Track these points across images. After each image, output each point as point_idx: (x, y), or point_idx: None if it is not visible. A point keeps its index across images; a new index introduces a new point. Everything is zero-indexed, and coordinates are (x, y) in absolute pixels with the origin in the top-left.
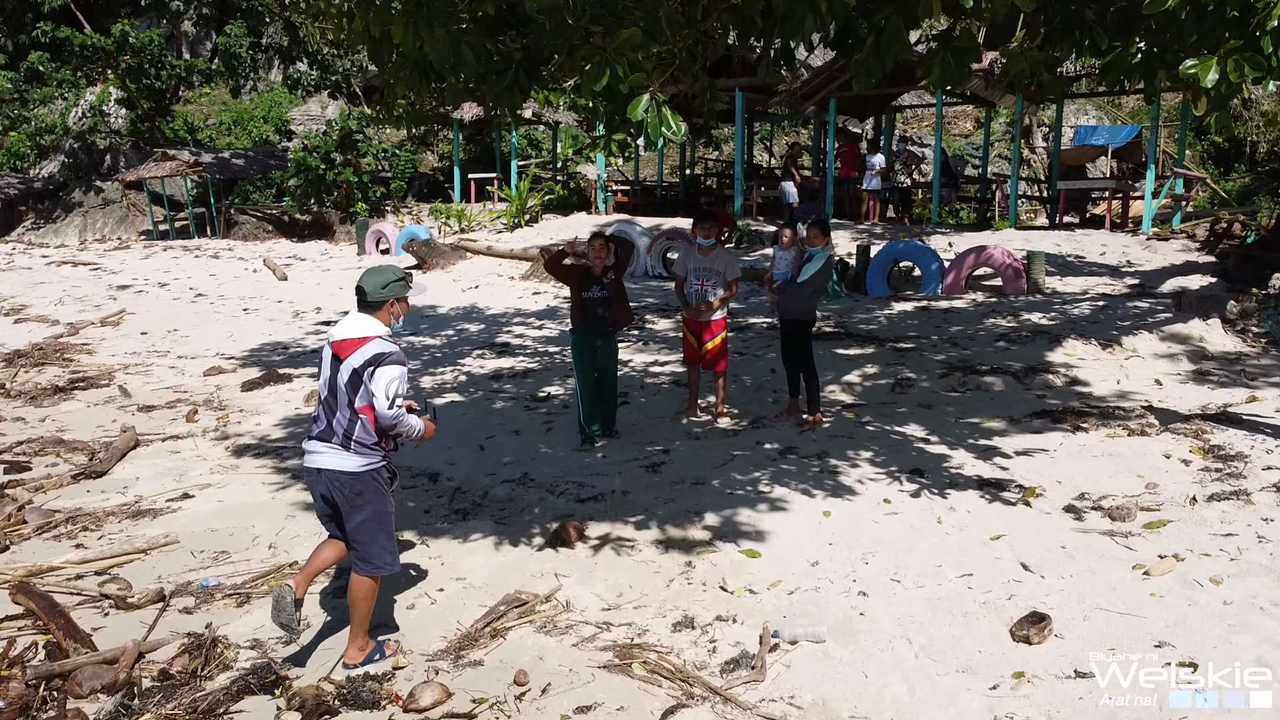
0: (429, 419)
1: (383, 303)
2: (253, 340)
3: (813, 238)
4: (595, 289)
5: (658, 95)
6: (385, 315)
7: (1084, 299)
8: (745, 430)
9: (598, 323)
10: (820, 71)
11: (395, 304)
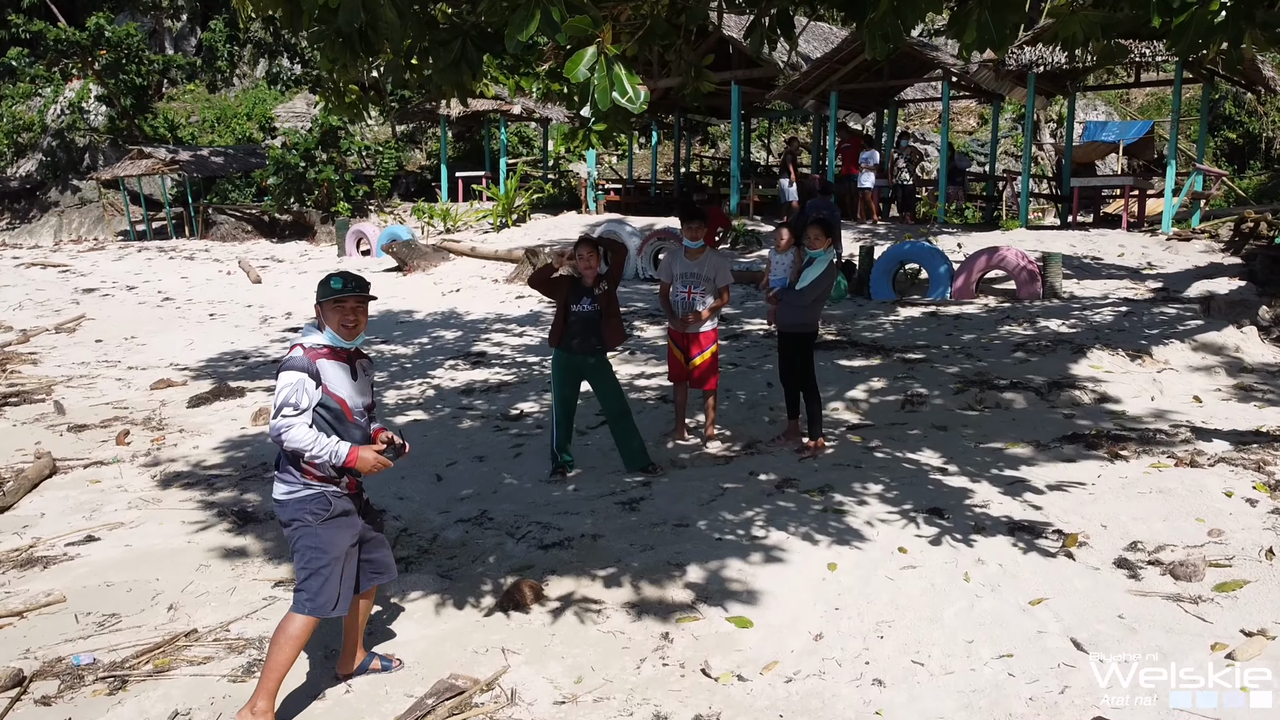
0: (379, 450)
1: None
2: (212, 349)
3: (813, 239)
4: (585, 302)
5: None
6: (320, 321)
7: (1105, 304)
8: (738, 457)
9: (586, 341)
10: (820, 63)
11: (320, 309)
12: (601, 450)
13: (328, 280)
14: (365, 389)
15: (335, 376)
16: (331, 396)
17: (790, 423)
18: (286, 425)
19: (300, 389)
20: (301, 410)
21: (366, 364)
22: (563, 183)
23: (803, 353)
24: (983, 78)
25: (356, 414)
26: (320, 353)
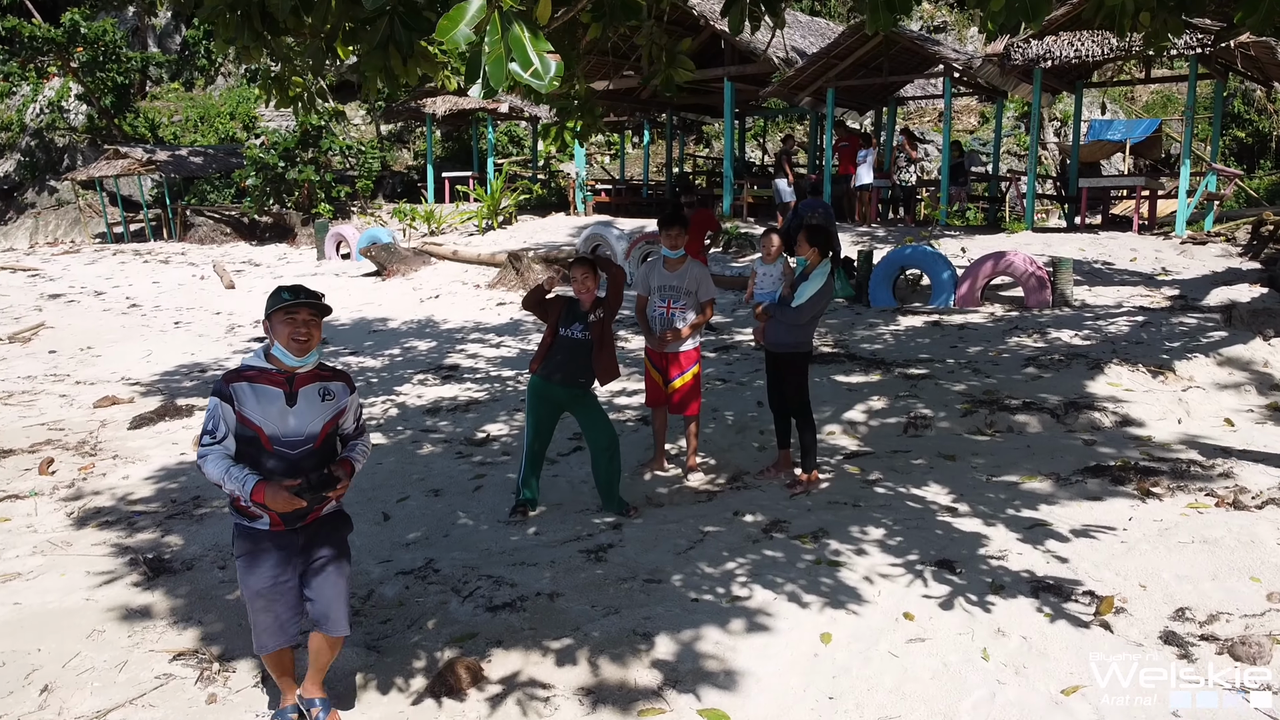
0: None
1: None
2: (170, 361)
3: (803, 247)
4: (576, 327)
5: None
6: (269, 338)
7: (1119, 313)
8: (722, 492)
9: (571, 372)
10: (817, 58)
11: (269, 324)
12: (571, 483)
13: (278, 291)
14: (308, 416)
15: (254, 401)
16: (245, 423)
17: (781, 453)
18: (201, 454)
19: (216, 415)
20: (218, 438)
21: (331, 387)
22: (552, 183)
23: (796, 375)
24: (987, 73)
25: (280, 443)
26: (245, 374)
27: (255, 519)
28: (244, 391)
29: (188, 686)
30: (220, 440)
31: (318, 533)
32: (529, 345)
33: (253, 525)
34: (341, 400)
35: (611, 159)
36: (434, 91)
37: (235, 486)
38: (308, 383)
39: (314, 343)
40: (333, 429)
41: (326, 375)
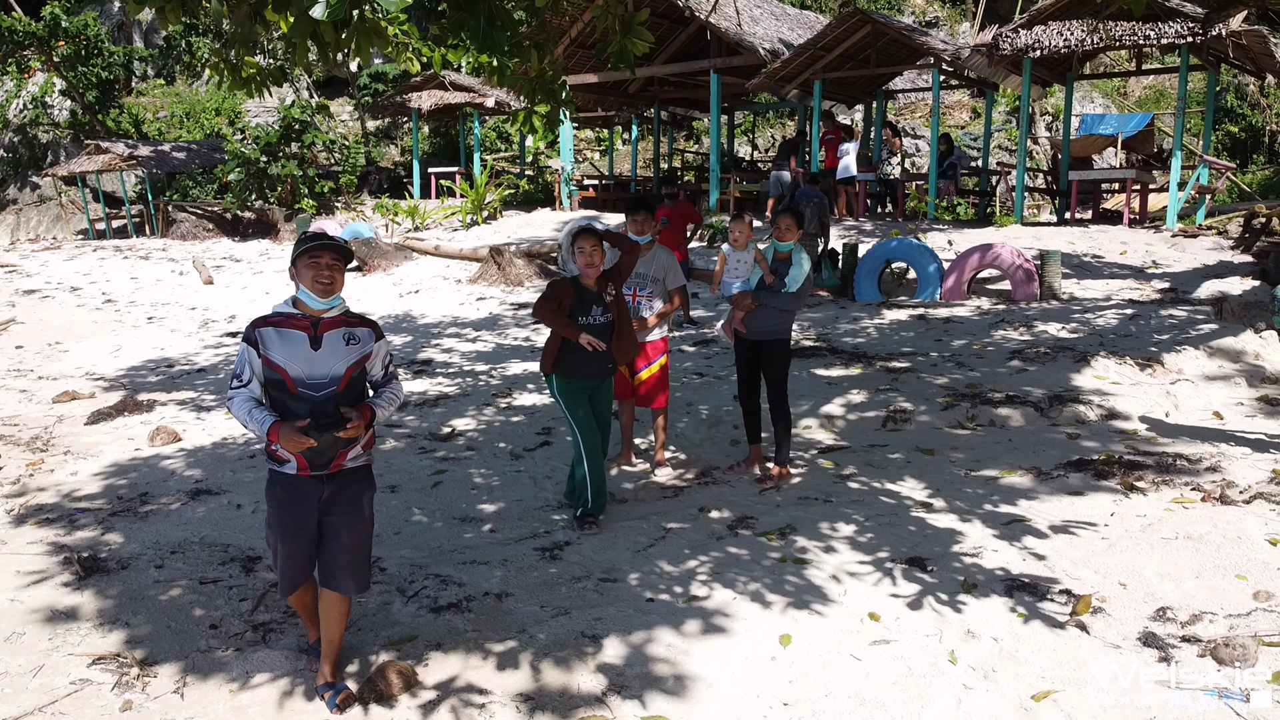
0: (300, 428)
1: None
2: (138, 355)
3: (784, 229)
4: (595, 311)
5: None
6: (296, 285)
7: (1108, 306)
8: (690, 487)
9: (601, 360)
10: (804, 49)
11: (295, 270)
12: (534, 479)
13: (302, 237)
14: (331, 360)
15: (279, 344)
16: (271, 366)
17: (752, 448)
18: (229, 396)
19: (243, 360)
20: (244, 381)
21: (357, 333)
22: (540, 179)
23: (781, 364)
24: (975, 64)
25: (304, 385)
26: (272, 320)
27: (283, 463)
28: (269, 336)
29: (104, 692)
30: (246, 384)
31: (342, 484)
32: (505, 340)
33: (281, 469)
34: (366, 345)
35: (601, 155)
36: (418, 86)
37: (255, 427)
38: (333, 328)
39: (337, 286)
40: (357, 373)
41: (353, 321)
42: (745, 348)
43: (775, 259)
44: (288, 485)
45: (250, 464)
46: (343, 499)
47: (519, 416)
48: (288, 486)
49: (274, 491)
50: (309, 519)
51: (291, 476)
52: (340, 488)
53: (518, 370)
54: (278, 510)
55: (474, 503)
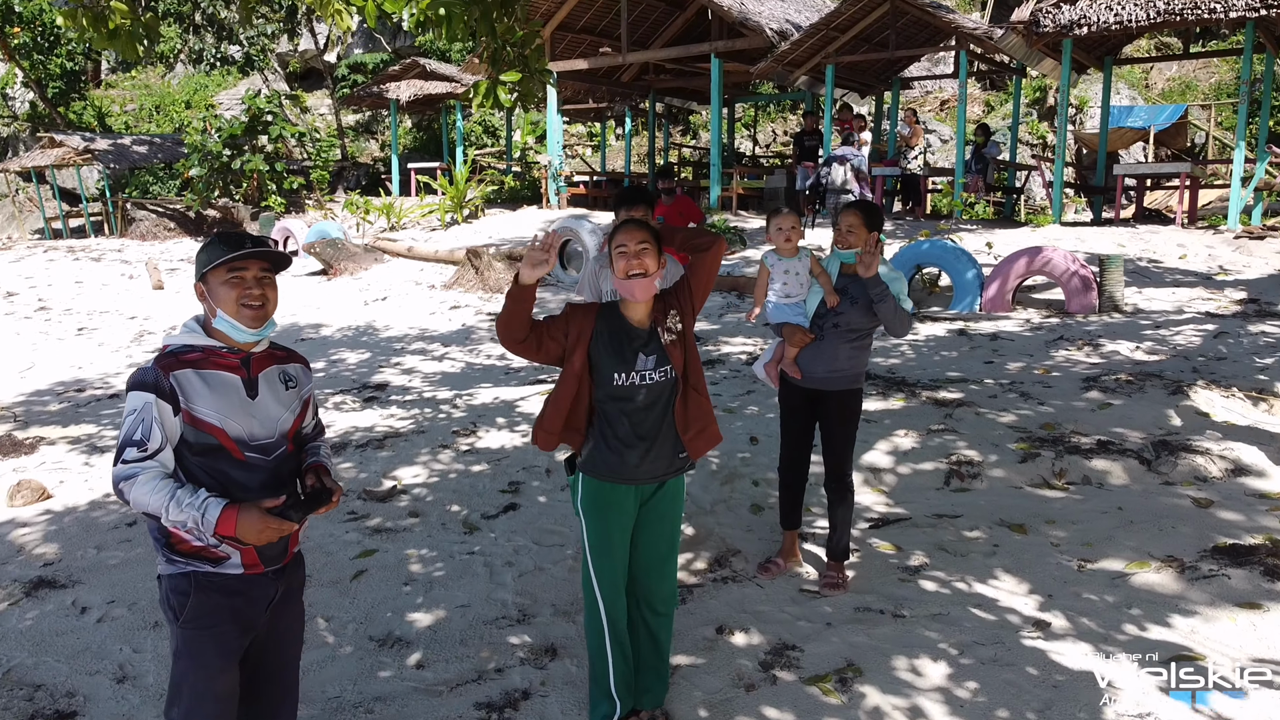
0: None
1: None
2: (49, 376)
3: (846, 232)
4: (645, 363)
5: None
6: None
7: (1183, 320)
8: (702, 586)
9: (662, 446)
10: (815, 30)
11: (205, 288)
12: (490, 566)
13: (215, 241)
14: (274, 409)
15: (207, 393)
16: (199, 425)
17: (787, 536)
18: (125, 475)
19: (146, 419)
20: (149, 451)
21: (291, 371)
22: (527, 175)
23: (847, 424)
24: (1010, 45)
25: (251, 448)
26: (188, 358)
27: (220, 561)
28: (190, 382)
29: None
30: (155, 453)
31: (291, 578)
32: (477, 358)
33: (218, 570)
34: (305, 387)
35: (593, 151)
36: (397, 75)
37: (190, 516)
38: (266, 365)
39: (271, 308)
40: (303, 425)
41: (280, 355)
42: (797, 398)
43: (841, 274)
44: (231, 594)
45: (123, 536)
46: (292, 598)
47: (481, 464)
48: (230, 593)
49: (204, 609)
50: (246, 641)
51: (237, 578)
52: (290, 584)
53: (486, 399)
54: (216, 642)
55: (404, 609)
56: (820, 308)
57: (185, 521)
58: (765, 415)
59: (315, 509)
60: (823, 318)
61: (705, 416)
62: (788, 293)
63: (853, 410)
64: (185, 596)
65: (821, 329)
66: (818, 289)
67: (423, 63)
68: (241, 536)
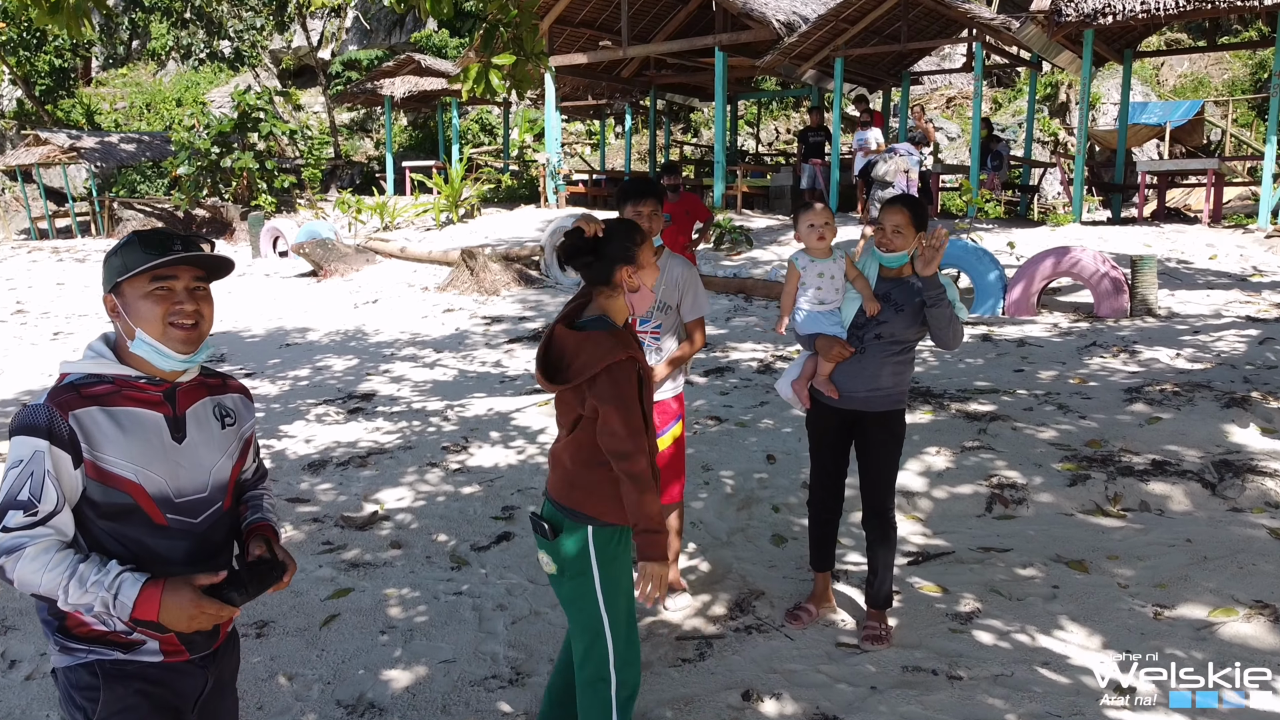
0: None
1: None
2: (15, 385)
3: (891, 233)
4: None
5: None
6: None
7: (1222, 325)
8: (722, 638)
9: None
10: (824, 21)
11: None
12: (479, 611)
13: (132, 242)
14: (207, 455)
15: (119, 438)
16: (108, 480)
17: (819, 579)
18: (7, 549)
19: (38, 471)
20: (40, 516)
21: (228, 404)
22: (524, 174)
23: (889, 450)
24: (1029, 36)
25: (175, 508)
26: (92, 392)
27: (133, 646)
28: (95, 424)
29: None
30: (47, 518)
31: (224, 664)
32: (471, 364)
33: (130, 657)
34: (245, 423)
35: (593, 150)
36: (391, 71)
37: (97, 599)
38: (196, 398)
39: (206, 327)
40: (243, 472)
41: (214, 384)
42: (831, 421)
43: (881, 278)
44: (148, 685)
45: None
46: (224, 691)
47: (472, 485)
48: (148, 687)
49: (117, 701)
50: None
51: (153, 666)
52: (223, 671)
53: (480, 410)
54: None
55: (380, 664)
56: (859, 316)
57: (91, 605)
58: (782, 430)
59: (264, 588)
60: (862, 328)
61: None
62: (821, 299)
63: (895, 434)
64: (94, 692)
65: (862, 340)
66: (854, 295)
67: (417, 58)
68: (167, 623)
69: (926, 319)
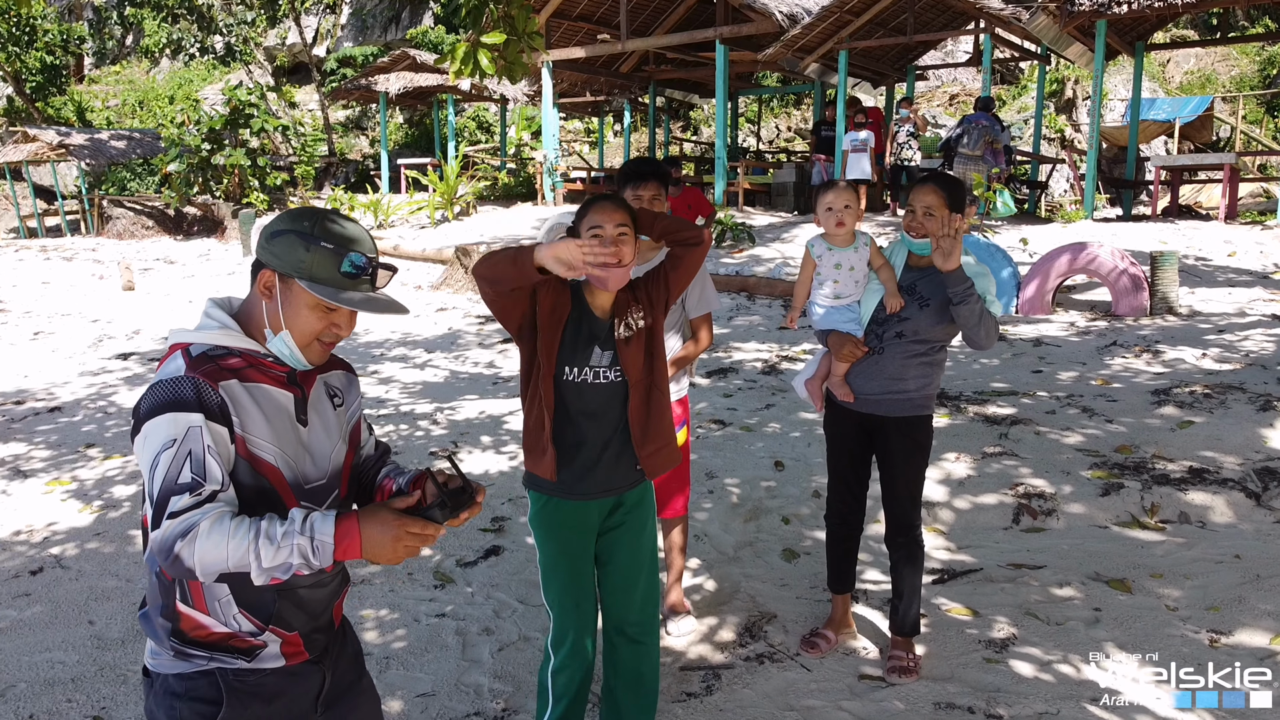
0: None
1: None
2: None
3: (921, 215)
4: (599, 357)
5: None
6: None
7: (1248, 324)
8: (731, 668)
9: (611, 462)
10: (828, 13)
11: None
12: (463, 636)
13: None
14: (325, 438)
15: (260, 419)
16: (257, 465)
17: (838, 602)
18: (181, 533)
19: (196, 451)
20: (206, 494)
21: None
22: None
23: (915, 460)
24: (1040, 27)
25: (304, 494)
26: (228, 364)
27: (255, 651)
28: (241, 400)
29: None
30: (214, 495)
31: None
32: (463, 365)
33: (252, 665)
34: (353, 403)
35: (591, 148)
36: (386, 67)
37: (293, 549)
38: (313, 378)
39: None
40: (358, 457)
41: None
42: (848, 426)
43: (909, 268)
44: (270, 696)
45: (21, 589)
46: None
47: None
48: (269, 698)
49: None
50: None
51: (274, 673)
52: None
53: (471, 413)
54: None
55: None
56: (879, 312)
57: (289, 562)
58: (790, 434)
59: (462, 508)
60: (882, 325)
61: (669, 431)
62: (839, 292)
63: (920, 444)
64: (212, 708)
65: (880, 339)
66: (875, 287)
67: (413, 54)
68: (371, 555)
69: (954, 316)
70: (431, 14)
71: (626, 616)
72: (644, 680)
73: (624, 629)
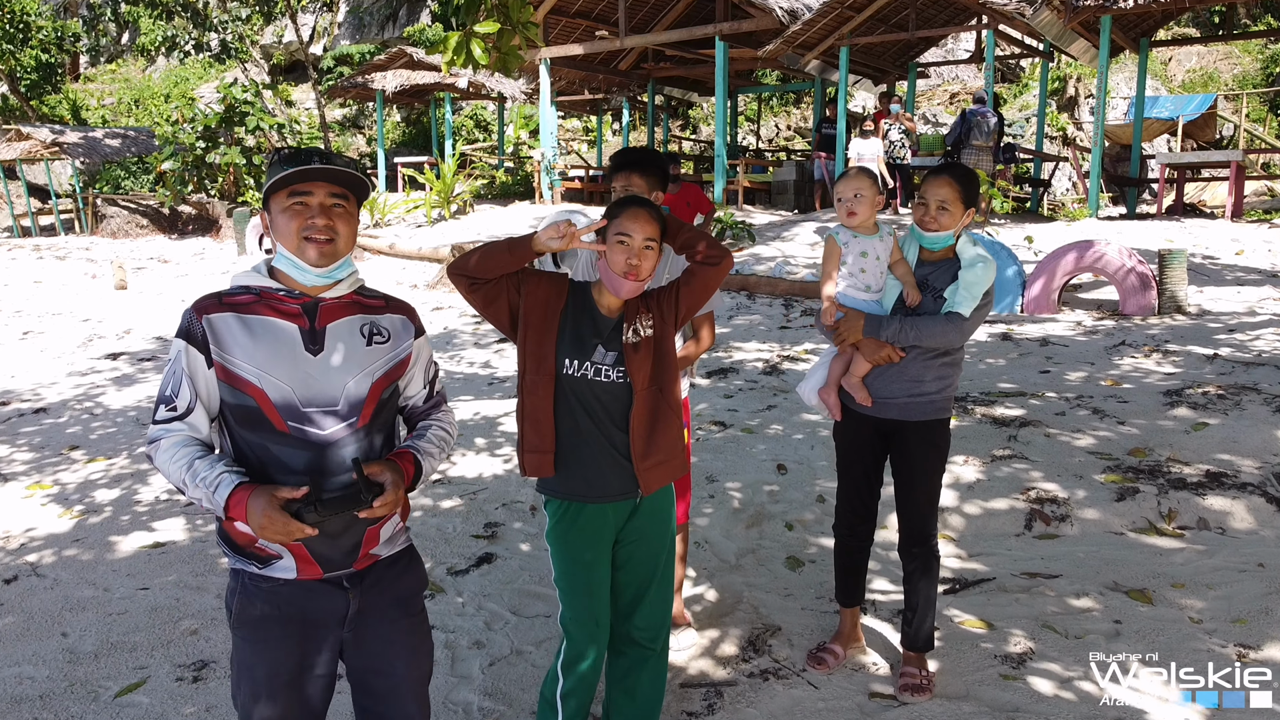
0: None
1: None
2: None
3: (935, 208)
4: (602, 356)
5: None
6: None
7: (1259, 324)
8: (735, 685)
9: (616, 465)
10: (829, 8)
11: (268, 214)
12: (453, 651)
13: (275, 160)
14: (343, 370)
15: (246, 341)
16: (234, 381)
17: (846, 615)
18: (152, 439)
19: (178, 370)
20: (179, 411)
21: (383, 323)
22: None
23: (932, 466)
24: (1043, 23)
25: (299, 417)
26: (232, 300)
27: (268, 560)
28: (226, 327)
29: None
30: (183, 414)
31: (375, 589)
32: (458, 365)
33: (265, 572)
34: (401, 345)
35: (590, 147)
36: (382, 65)
37: (201, 492)
38: (342, 315)
39: (342, 245)
40: (388, 393)
41: (375, 305)
42: (864, 431)
43: (921, 262)
44: (281, 601)
45: None
46: (383, 614)
47: (453, 499)
48: (280, 603)
49: (251, 615)
50: (324, 662)
51: (286, 584)
52: (375, 596)
53: (465, 414)
54: (261, 654)
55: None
56: (897, 306)
57: (201, 500)
58: (792, 436)
59: (338, 511)
60: (897, 321)
61: (673, 445)
62: (865, 284)
63: (939, 447)
64: (238, 601)
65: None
66: (892, 281)
67: (409, 51)
68: (256, 531)
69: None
70: (429, 12)
71: (635, 620)
72: (649, 691)
73: (633, 634)
